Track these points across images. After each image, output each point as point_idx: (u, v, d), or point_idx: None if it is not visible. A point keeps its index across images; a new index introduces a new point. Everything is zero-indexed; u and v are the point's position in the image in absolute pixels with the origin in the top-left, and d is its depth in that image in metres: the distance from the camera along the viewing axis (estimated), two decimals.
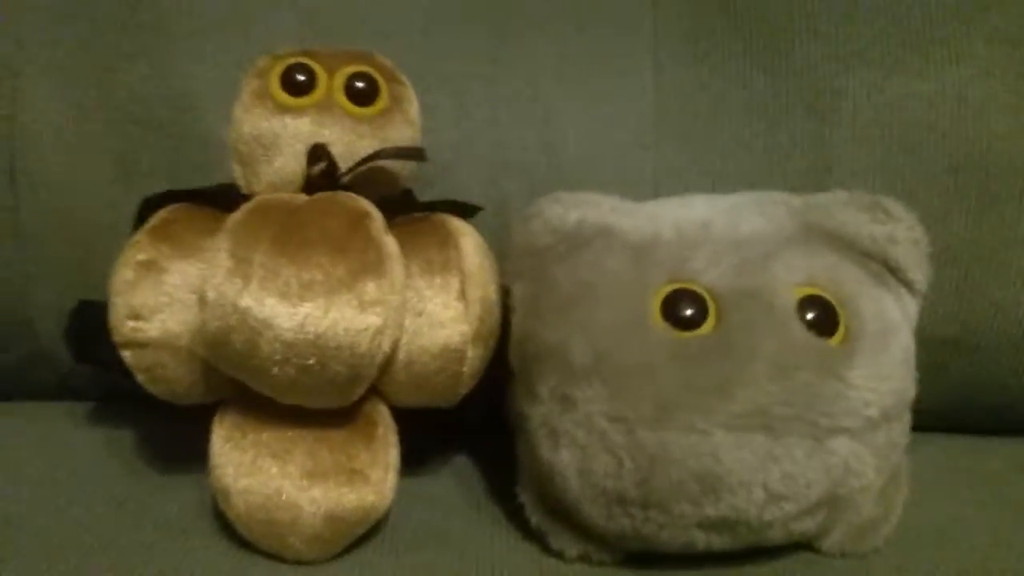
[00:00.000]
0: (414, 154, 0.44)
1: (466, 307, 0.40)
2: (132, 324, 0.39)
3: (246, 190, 0.43)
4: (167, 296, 0.39)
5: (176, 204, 0.43)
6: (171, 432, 0.46)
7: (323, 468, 0.39)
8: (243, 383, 0.39)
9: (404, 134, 0.44)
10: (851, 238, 0.40)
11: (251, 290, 0.36)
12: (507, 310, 0.42)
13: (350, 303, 0.36)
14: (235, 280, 0.36)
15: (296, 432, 0.40)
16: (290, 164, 0.42)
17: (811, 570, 0.39)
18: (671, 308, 0.37)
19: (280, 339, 0.36)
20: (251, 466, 0.39)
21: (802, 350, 0.36)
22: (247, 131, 0.42)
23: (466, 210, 0.45)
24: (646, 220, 0.41)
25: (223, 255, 0.37)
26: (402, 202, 0.44)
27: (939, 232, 0.47)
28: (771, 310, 0.36)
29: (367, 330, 0.37)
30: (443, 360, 0.40)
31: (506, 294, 0.42)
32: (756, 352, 0.36)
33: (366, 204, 0.40)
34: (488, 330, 0.41)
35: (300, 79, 0.43)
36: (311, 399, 0.39)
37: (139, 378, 0.40)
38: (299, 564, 0.39)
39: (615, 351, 0.37)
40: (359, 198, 0.41)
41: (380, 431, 0.40)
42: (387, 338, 0.38)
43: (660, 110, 0.51)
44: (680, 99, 0.51)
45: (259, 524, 0.38)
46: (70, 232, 0.51)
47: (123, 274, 0.40)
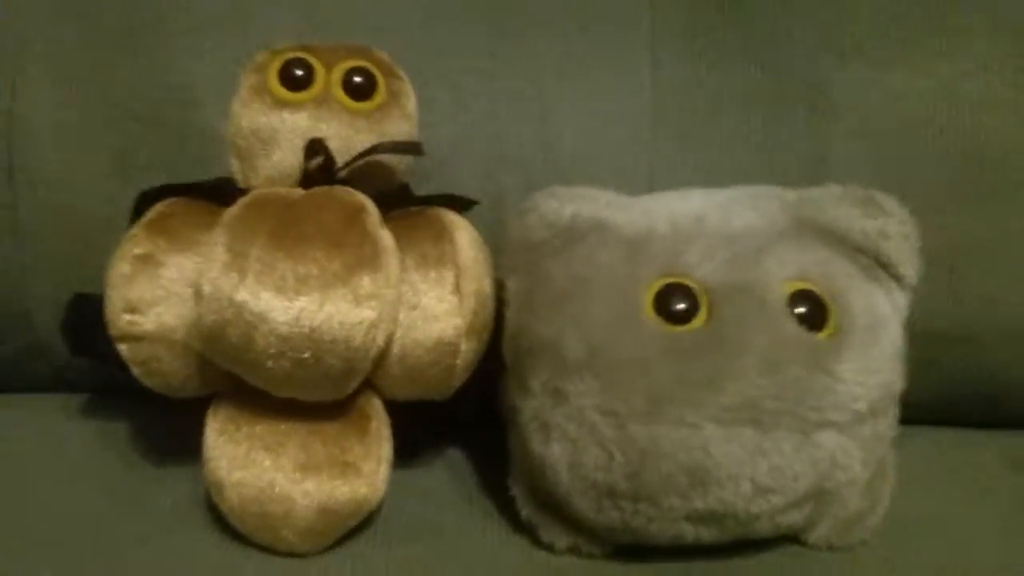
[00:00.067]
0: (411, 148, 0.44)
1: (460, 301, 0.40)
2: (128, 317, 0.39)
3: (243, 184, 0.43)
4: (163, 290, 0.39)
5: (173, 198, 0.43)
6: (166, 425, 0.46)
7: (316, 461, 0.39)
8: (238, 377, 0.39)
9: (401, 129, 0.44)
10: (843, 233, 0.40)
11: (247, 284, 0.36)
12: (501, 304, 0.42)
13: (345, 297, 0.36)
14: (231, 274, 0.36)
15: (290, 425, 0.40)
16: (288, 158, 0.42)
17: (798, 562, 0.39)
18: (664, 302, 0.37)
19: (275, 333, 0.36)
20: (245, 459, 0.39)
21: (792, 345, 0.36)
22: (245, 125, 0.42)
23: (462, 204, 0.45)
24: (641, 214, 0.41)
25: (219, 249, 0.37)
26: (398, 196, 0.44)
27: (932, 226, 0.46)
28: (762, 305, 0.37)
29: (362, 324, 0.37)
30: (437, 353, 0.40)
31: (500, 288, 0.42)
32: (747, 346, 0.36)
33: (362, 198, 0.40)
34: (482, 324, 0.41)
35: (298, 74, 0.43)
36: (305, 392, 0.39)
37: (135, 371, 0.40)
38: (292, 556, 0.39)
39: (608, 345, 0.37)
40: (356, 192, 0.41)
41: (373, 424, 0.41)
42: (382, 332, 0.38)
43: (657, 106, 0.51)
44: (677, 95, 0.51)
45: (252, 516, 0.39)
46: (68, 226, 0.51)
47: (119, 268, 0.40)
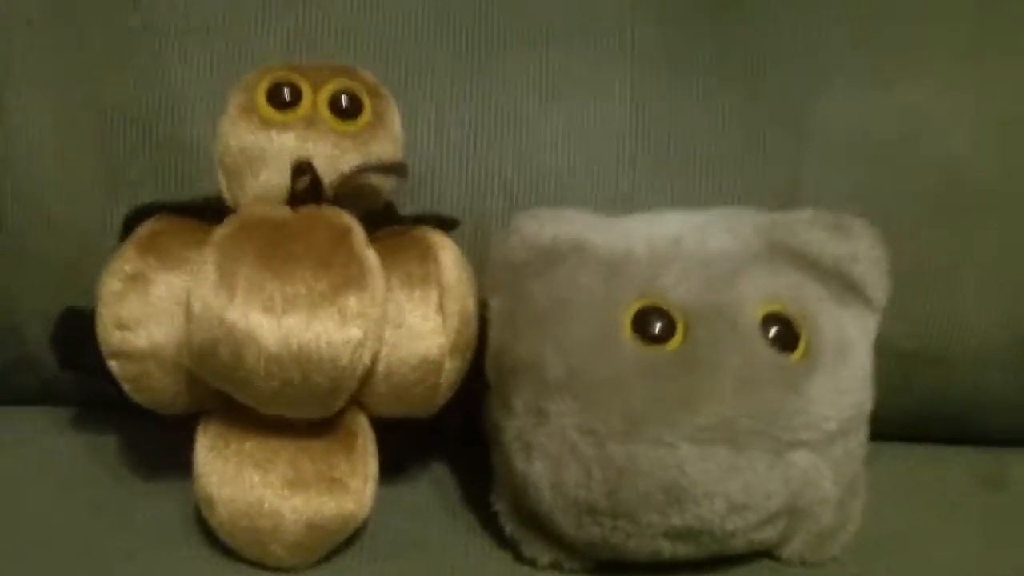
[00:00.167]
0: (397, 169, 0.44)
1: (444, 320, 0.40)
2: (119, 335, 0.39)
3: (231, 203, 0.43)
4: (153, 308, 0.39)
5: (163, 215, 0.43)
6: (155, 439, 0.46)
7: (304, 477, 0.39)
8: (227, 395, 0.39)
9: (387, 149, 0.45)
10: (814, 257, 0.40)
11: (236, 303, 0.37)
12: (485, 323, 0.42)
13: (332, 316, 0.37)
14: (220, 293, 0.37)
15: (278, 442, 0.40)
16: (275, 178, 0.42)
17: None
18: (641, 324, 0.38)
19: (264, 352, 0.36)
20: (235, 475, 0.39)
21: (765, 366, 0.37)
22: (233, 145, 0.43)
23: (445, 224, 0.45)
24: (619, 236, 0.41)
25: (209, 268, 0.38)
26: (383, 215, 0.45)
27: (903, 248, 0.47)
28: (736, 327, 0.37)
29: (348, 343, 0.37)
30: (421, 372, 0.40)
31: (484, 307, 0.43)
32: (721, 368, 0.37)
33: (349, 220, 0.41)
34: (465, 343, 0.41)
35: (286, 95, 0.43)
36: (294, 410, 0.40)
37: (125, 388, 0.40)
38: (280, 571, 0.39)
39: (587, 366, 0.38)
40: (342, 213, 0.41)
41: (360, 441, 0.41)
42: (367, 350, 0.38)
43: (636, 126, 0.51)
44: (656, 115, 0.51)
45: (242, 532, 0.39)
46: (58, 239, 0.51)
47: (110, 285, 0.40)
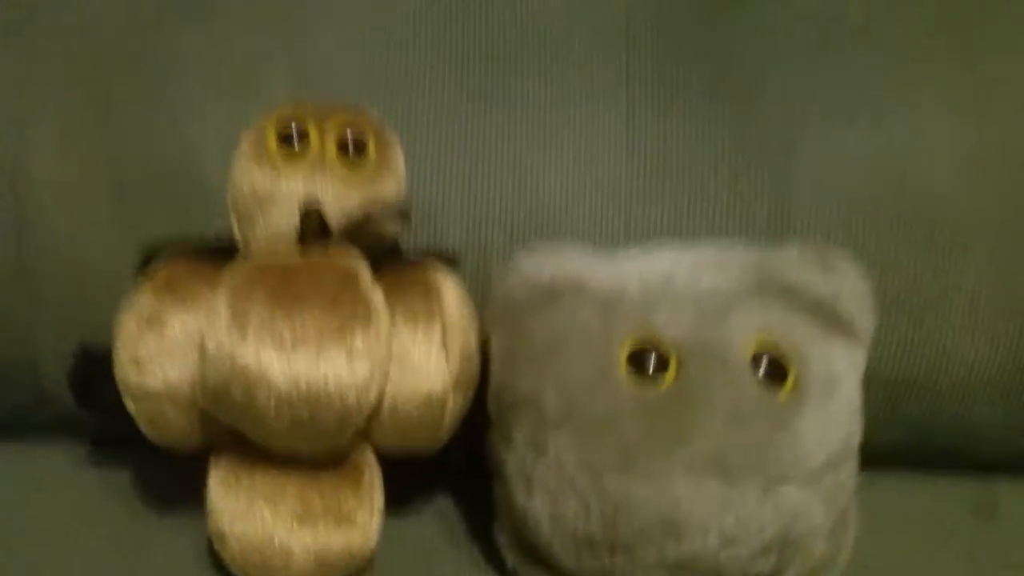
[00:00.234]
0: (402, 214, 0.44)
1: (447, 356, 0.41)
2: (136, 375, 0.41)
3: (242, 243, 0.44)
4: (169, 348, 0.40)
5: (177, 255, 0.44)
6: (168, 475, 0.47)
7: (313, 511, 0.40)
8: (239, 433, 0.40)
9: (391, 188, 0.45)
10: (801, 292, 0.41)
11: (248, 341, 0.38)
12: (486, 359, 0.43)
13: (340, 356, 0.38)
14: (233, 331, 0.38)
15: (287, 477, 0.41)
16: (284, 220, 0.43)
17: None
18: (636, 360, 0.39)
19: (275, 391, 0.37)
20: (245, 511, 0.40)
21: (755, 402, 0.38)
22: (244, 187, 0.43)
23: (447, 261, 0.46)
24: (614, 274, 0.43)
25: (222, 308, 0.38)
26: (387, 250, 0.45)
27: (889, 280, 0.48)
28: (726, 364, 0.39)
29: (355, 381, 0.38)
30: (426, 408, 0.41)
31: (485, 343, 0.44)
32: (713, 403, 0.38)
33: (355, 263, 0.41)
34: (467, 379, 0.42)
35: (294, 137, 0.44)
36: (303, 446, 0.41)
37: (142, 427, 0.41)
38: None
39: (584, 402, 0.39)
40: (349, 254, 0.42)
41: (367, 476, 0.42)
42: (374, 388, 0.39)
43: (631, 161, 0.52)
44: (650, 151, 0.52)
45: (254, 567, 0.40)
46: (74, 279, 0.51)
47: (127, 325, 0.41)
